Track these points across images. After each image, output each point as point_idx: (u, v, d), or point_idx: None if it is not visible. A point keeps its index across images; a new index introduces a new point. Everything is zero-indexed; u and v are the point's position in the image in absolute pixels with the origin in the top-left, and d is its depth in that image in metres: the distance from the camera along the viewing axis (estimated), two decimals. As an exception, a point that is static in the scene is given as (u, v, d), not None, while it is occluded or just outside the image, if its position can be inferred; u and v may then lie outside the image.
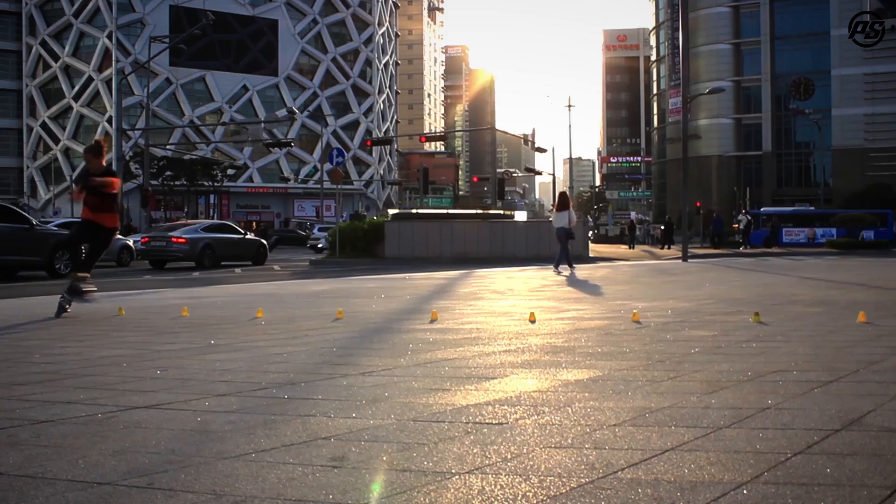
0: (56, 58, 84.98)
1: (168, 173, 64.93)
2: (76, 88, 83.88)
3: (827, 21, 79.92)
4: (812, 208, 60.95)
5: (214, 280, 18.79)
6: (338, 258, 28.90)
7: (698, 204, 64.35)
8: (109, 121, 76.13)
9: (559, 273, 18.05)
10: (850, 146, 76.94)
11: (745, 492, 2.56)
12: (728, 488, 2.59)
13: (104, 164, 9.57)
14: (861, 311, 7.70)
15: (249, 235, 30.60)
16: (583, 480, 2.71)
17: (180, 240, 26.05)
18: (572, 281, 15.41)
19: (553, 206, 22.40)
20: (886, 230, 50.19)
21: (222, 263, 27.05)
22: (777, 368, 4.93)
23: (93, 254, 9.74)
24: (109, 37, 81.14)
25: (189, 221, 33.35)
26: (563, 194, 22.10)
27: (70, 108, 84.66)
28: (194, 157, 70.96)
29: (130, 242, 28.17)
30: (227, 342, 6.71)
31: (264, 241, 30.07)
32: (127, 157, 61.58)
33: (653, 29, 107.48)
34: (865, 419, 3.52)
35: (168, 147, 69.40)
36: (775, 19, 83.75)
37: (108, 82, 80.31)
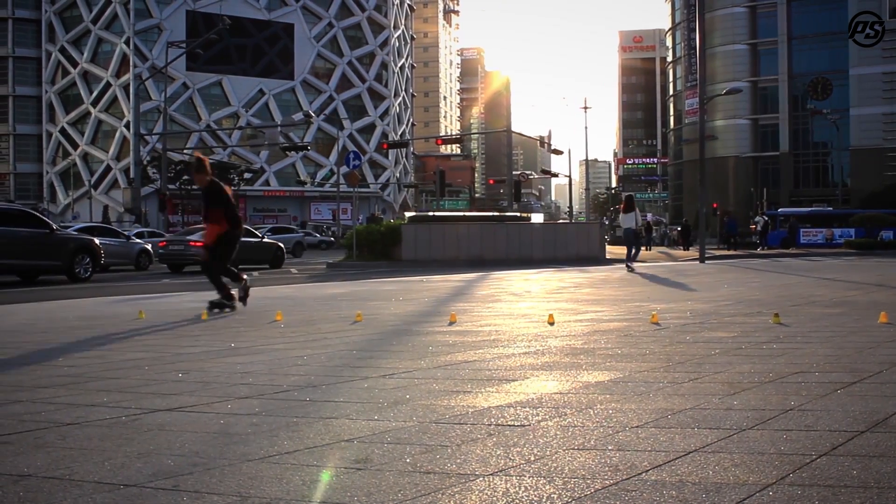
0: (75, 64, 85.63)
1: (185, 177, 65.22)
2: (94, 94, 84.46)
3: (845, 20, 79.14)
4: (830, 209, 60.61)
5: (232, 284, 18.84)
6: (354, 261, 28.94)
7: (715, 205, 64.09)
8: (127, 126, 76.70)
9: (631, 270, 19.56)
10: (869, 146, 76.41)
11: (770, 493, 2.55)
12: (753, 490, 2.58)
13: (208, 178, 10.17)
14: (882, 312, 7.65)
15: (266, 239, 30.70)
16: (607, 482, 2.71)
17: (198, 244, 26.16)
18: (592, 282, 15.38)
19: (620, 207, 24.29)
20: (905, 230, 49.78)
21: (239, 267, 27.11)
22: (798, 370, 4.90)
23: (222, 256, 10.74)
24: (127, 42, 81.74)
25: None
26: (629, 197, 23.36)
27: (88, 113, 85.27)
28: (211, 161, 71.17)
29: (149, 246, 28.32)
30: (247, 345, 6.74)
31: (282, 245, 30.15)
32: (145, 162, 61.97)
33: (669, 30, 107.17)
34: (891, 420, 3.50)
35: (185, 151, 69.74)
36: (792, 19, 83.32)
37: (125, 87, 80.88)
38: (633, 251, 21.44)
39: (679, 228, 54.50)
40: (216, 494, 2.69)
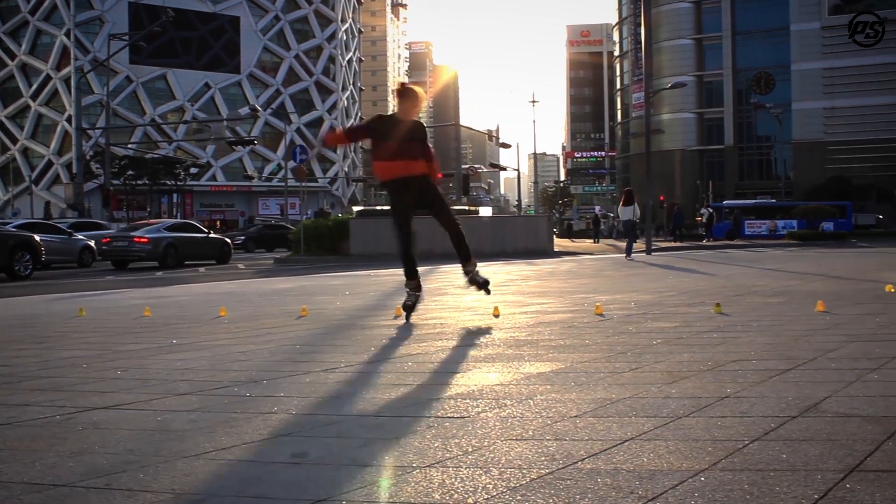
0: (12, 56, 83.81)
1: (130, 173, 64.31)
2: (34, 87, 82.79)
3: (786, 16, 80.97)
4: (773, 201, 61.82)
5: (178, 279, 18.64)
6: (303, 256, 28.78)
7: (662, 198, 64.95)
8: (69, 120, 75.30)
9: (631, 259, 21.09)
10: (810, 139, 78.04)
11: (702, 479, 2.59)
12: (686, 476, 2.62)
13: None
14: (819, 301, 7.80)
15: (212, 234, 30.39)
16: (543, 472, 2.72)
17: (143, 239, 25.81)
18: (539, 274, 15.48)
19: (621, 200, 25.33)
20: (845, 221, 51.07)
21: (186, 263, 26.84)
22: (736, 358, 4.98)
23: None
24: (67, 34, 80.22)
25: (151, 221, 33.04)
26: (629, 191, 24.51)
27: (28, 107, 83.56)
28: (156, 156, 70.39)
29: (92, 243, 27.86)
30: (190, 341, 6.66)
31: (228, 241, 29.86)
32: (87, 157, 60.90)
33: (616, 24, 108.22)
34: (821, 405, 3.57)
35: (129, 146, 68.70)
36: (736, 15, 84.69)
37: (66, 81, 79.41)
38: (631, 242, 23.38)
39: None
40: (149, 492, 2.65)
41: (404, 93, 7.51)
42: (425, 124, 8.27)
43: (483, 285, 8.04)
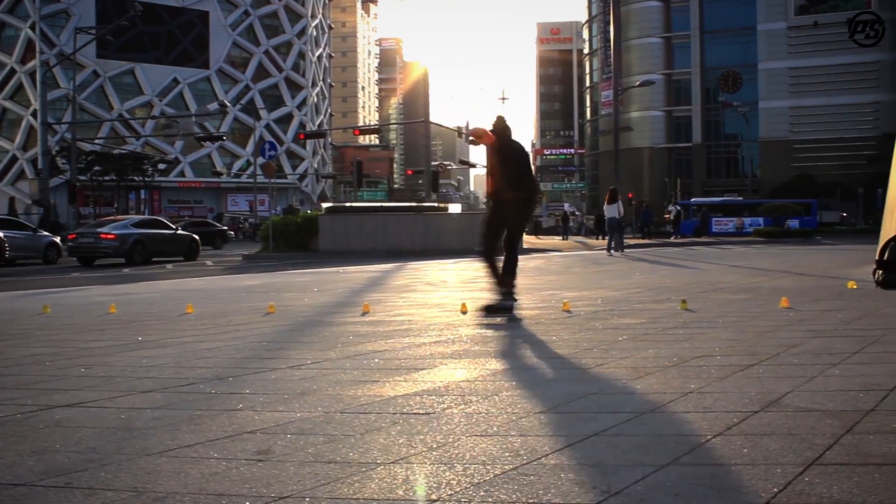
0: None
1: (97, 168, 63.42)
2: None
3: (753, 16, 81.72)
4: (740, 199, 62.32)
5: (145, 276, 18.47)
6: (271, 252, 28.63)
7: (631, 195, 65.27)
8: (34, 114, 74.17)
9: (611, 255, 22.30)
10: (777, 138, 78.85)
11: (665, 474, 2.61)
12: (649, 471, 2.64)
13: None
14: (784, 297, 7.89)
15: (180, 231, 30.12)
16: (507, 467, 2.73)
17: (109, 236, 25.51)
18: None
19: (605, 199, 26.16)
20: (811, 219, 51.65)
21: (153, 259, 26.60)
22: (701, 354, 5.02)
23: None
24: (33, 27, 79.05)
25: (118, 217, 32.66)
26: (613, 189, 25.58)
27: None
28: (124, 151, 69.61)
29: (57, 239, 27.51)
30: (155, 338, 6.60)
31: (196, 237, 29.60)
32: (53, 152, 60.13)
33: (585, 22, 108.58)
34: (783, 400, 3.61)
35: (96, 141, 67.91)
36: (704, 14, 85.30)
37: (31, 75, 78.26)
38: (616, 239, 24.45)
39: (594, 218, 55.31)
40: (110, 490, 2.62)
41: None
42: (394, 119, 8.32)
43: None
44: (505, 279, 7.56)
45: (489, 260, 7.65)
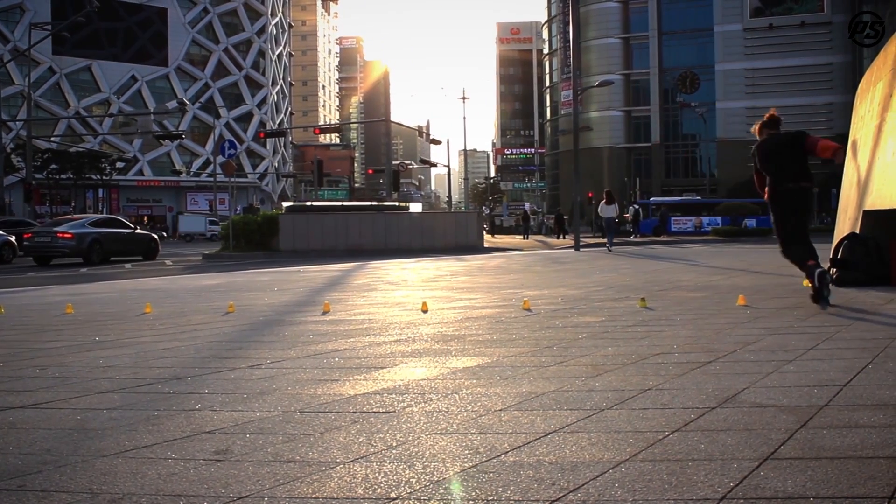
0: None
1: (53, 166, 62.56)
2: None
3: (710, 17, 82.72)
4: (698, 198, 63.03)
5: (103, 276, 18.24)
6: (232, 252, 28.42)
7: (590, 194, 65.70)
8: (-13, 111, 72.94)
9: (610, 251, 24.19)
10: (733, 138, 79.83)
11: (623, 470, 2.63)
12: (607, 467, 2.66)
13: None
14: (741, 295, 8.00)
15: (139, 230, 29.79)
16: (466, 465, 2.74)
17: (66, 235, 25.15)
18: (469, 270, 15.55)
19: (603, 199, 28.04)
20: (767, 218, 52.17)
21: (111, 259, 26.28)
22: (660, 351, 5.07)
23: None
24: (-14, 23, 77.72)
25: (75, 216, 32.22)
26: (609, 192, 27.95)
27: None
28: (81, 149, 68.68)
29: (12, 238, 27.06)
30: (113, 338, 6.52)
31: (155, 236, 29.29)
32: (8, 150, 59.15)
33: (545, 22, 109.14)
34: (740, 396, 3.66)
35: (53, 139, 66.96)
36: (662, 15, 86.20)
37: (-15, 71, 76.90)
38: (612, 236, 26.83)
39: (554, 217, 55.66)
40: (65, 492, 2.59)
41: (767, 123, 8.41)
42: (355, 118, 8.35)
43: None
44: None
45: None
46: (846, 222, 9.86)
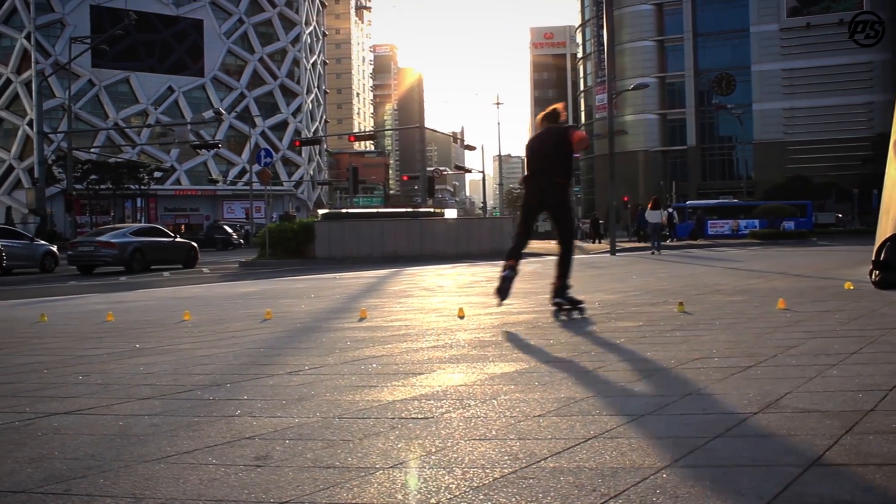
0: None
1: (93, 177, 63.42)
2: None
3: (746, 18, 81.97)
4: (735, 200, 62.42)
5: (142, 284, 18.45)
6: (268, 259, 28.63)
7: (626, 199, 65.37)
8: (30, 124, 74.14)
9: (654, 255, 24.88)
10: (771, 139, 79.05)
11: (664, 475, 2.60)
12: (648, 473, 2.64)
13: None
14: (780, 299, 7.89)
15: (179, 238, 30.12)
16: (506, 471, 2.73)
17: (109, 244, 25.50)
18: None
19: (649, 205, 29.33)
20: (806, 220, 51.75)
21: (152, 267, 26.60)
22: (699, 356, 5.02)
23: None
24: (28, 38, 79.06)
25: (117, 226, 32.62)
26: (656, 198, 29.75)
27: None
28: (120, 160, 69.58)
29: (54, 248, 27.50)
30: (153, 346, 6.59)
31: (195, 245, 29.59)
32: (49, 162, 60.10)
33: (579, 26, 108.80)
34: (782, 401, 3.61)
35: (92, 150, 67.93)
36: (697, 16, 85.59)
37: (27, 84, 78.20)
38: (658, 241, 27.78)
39: (590, 222, 55.40)
40: (109, 497, 2.62)
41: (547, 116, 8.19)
42: (389, 125, 8.52)
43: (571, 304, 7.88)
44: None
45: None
46: (888, 223, 9.70)
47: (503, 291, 8.00)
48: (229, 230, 53.58)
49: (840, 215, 66.51)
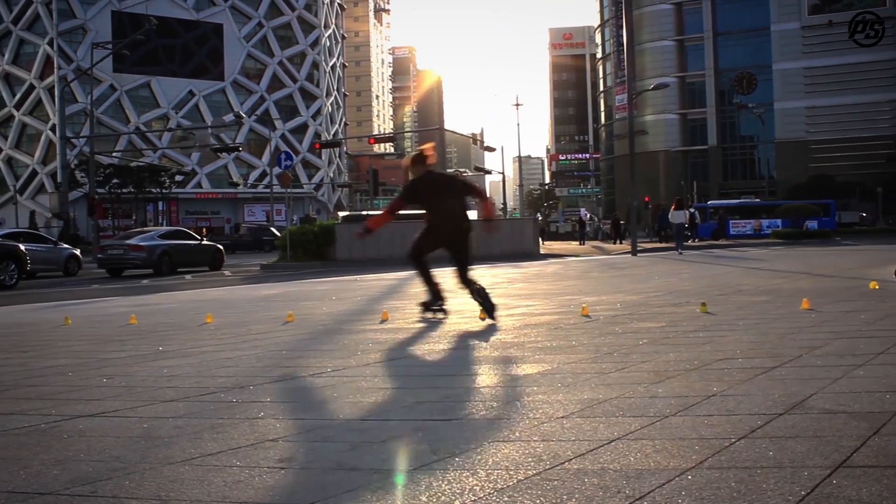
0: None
1: (115, 181, 63.82)
2: (17, 96, 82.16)
3: (767, 16, 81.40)
4: (757, 200, 61.99)
5: (164, 287, 18.55)
6: (289, 262, 28.70)
7: (647, 199, 65.06)
8: (53, 129, 74.78)
9: (681, 254, 25.49)
10: (793, 139, 78.42)
11: (689, 477, 2.59)
12: (673, 475, 2.62)
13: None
14: (804, 299, 7.84)
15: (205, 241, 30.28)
16: (530, 472, 2.72)
17: (138, 247, 25.67)
18: (526, 277, 15.49)
19: (672, 206, 29.84)
20: (829, 220, 51.27)
21: (178, 270, 26.76)
22: (723, 356, 4.99)
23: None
24: (50, 44, 79.70)
25: (144, 229, 32.79)
26: (679, 199, 30.15)
27: (12, 116, 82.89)
28: (141, 164, 70.01)
29: (77, 252, 27.70)
30: (176, 348, 6.63)
31: (220, 247, 29.71)
32: (72, 166, 60.57)
33: (598, 27, 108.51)
34: (807, 402, 3.58)
35: (114, 154, 68.32)
36: (717, 15, 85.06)
37: (50, 90, 78.82)
38: (682, 241, 28.38)
39: (611, 222, 55.20)
40: (135, 499, 2.63)
41: (419, 159, 8.58)
42: (409, 127, 8.66)
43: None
44: None
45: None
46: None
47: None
48: (276, 233, 53.56)
49: (864, 214, 65.90)
